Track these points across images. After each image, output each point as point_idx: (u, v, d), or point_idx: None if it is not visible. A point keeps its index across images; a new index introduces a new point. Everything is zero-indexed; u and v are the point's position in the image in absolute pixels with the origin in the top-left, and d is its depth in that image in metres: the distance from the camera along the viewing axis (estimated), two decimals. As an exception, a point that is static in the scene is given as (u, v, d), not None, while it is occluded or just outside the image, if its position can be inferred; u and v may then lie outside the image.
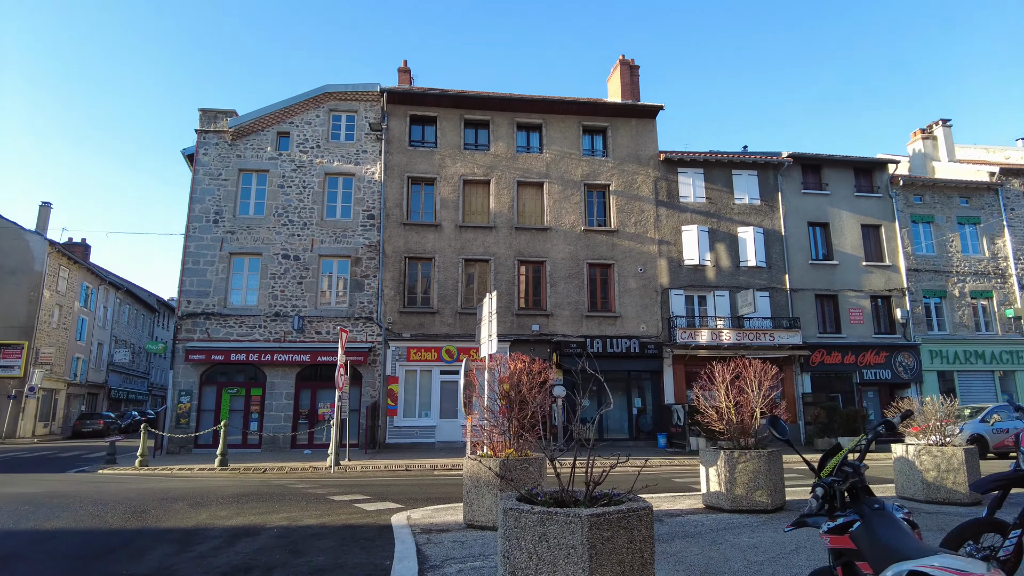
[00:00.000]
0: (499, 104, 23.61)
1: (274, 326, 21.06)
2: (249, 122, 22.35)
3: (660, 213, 23.86)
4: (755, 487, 7.28)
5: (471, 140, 23.82)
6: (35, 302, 32.89)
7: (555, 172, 23.54)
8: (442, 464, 14.93)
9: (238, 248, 21.52)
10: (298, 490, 10.43)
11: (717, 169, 24.83)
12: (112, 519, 7.36)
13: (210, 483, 11.81)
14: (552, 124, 24.01)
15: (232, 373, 21.10)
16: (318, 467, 14.48)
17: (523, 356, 7.13)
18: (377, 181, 22.58)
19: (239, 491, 10.26)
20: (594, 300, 22.85)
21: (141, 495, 9.70)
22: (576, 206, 23.35)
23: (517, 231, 22.80)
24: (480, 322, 18.67)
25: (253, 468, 14.34)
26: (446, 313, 21.84)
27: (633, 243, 23.34)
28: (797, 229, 24.89)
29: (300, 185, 22.27)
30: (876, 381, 24.29)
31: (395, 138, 23.05)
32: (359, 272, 21.86)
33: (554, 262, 22.70)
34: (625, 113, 24.55)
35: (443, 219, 22.57)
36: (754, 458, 7.32)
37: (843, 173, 25.92)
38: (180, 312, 20.89)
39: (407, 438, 20.71)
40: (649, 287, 23.08)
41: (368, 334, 21.41)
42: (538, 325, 22.08)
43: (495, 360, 8.04)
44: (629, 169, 24.02)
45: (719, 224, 24.25)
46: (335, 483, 11.64)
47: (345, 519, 7.43)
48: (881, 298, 25.20)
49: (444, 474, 13.80)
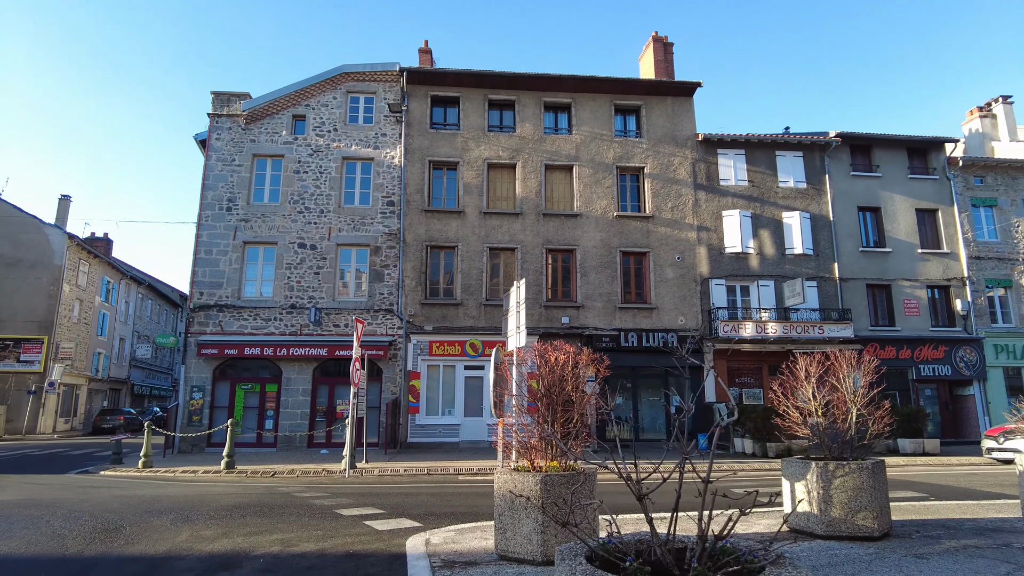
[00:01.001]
0: (525, 83, 22.20)
1: (290, 318, 19.99)
2: (263, 105, 21.28)
3: (699, 197, 22.26)
4: (856, 507, 5.83)
5: (496, 122, 22.46)
6: (55, 296, 32.40)
7: (585, 154, 22.07)
8: (467, 468, 13.63)
9: (252, 237, 20.48)
10: (303, 500, 9.20)
11: (759, 150, 23.14)
12: (73, 541, 6.16)
13: (209, 489, 10.67)
14: (582, 103, 22.53)
15: (246, 368, 20.07)
16: (332, 470, 13.28)
17: (567, 345, 5.78)
18: (397, 166, 21.36)
19: (237, 501, 9.07)
20: (628, 291, 21.37)
21: (126, 505, 8.57)
22: (608, 190, 21.86)
23: (545, 217, 21.40)
24: (507, 313, 17.33)
25: (262, 471, 13.20)
26: (470, 305, 20.56)
27: (670, 229, 21.79)
28: (846, 214, 23.09)
29: (317, 170, 21.14)
30: (934, 378, 22.42)
31: (415, 120, 21.79)
32: (378, 262, 20.67)
33: (585, 250, 21.26)
34: (660, 91, 22.96)
35: (466, 205, 21.26)
36: (855, 471, 5.87)
37: (895, 154, 24.02)
38: (192, 304, 19.92)
39: (430, 437, 19.50)
40: (687, 277, 21.50)
41: (388, 327, 20.22)
42: (568, 318, 20.68)
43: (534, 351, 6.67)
44: (665, 151, 22.45)
45: (762, 209, 22.56)
46: (347, 491, 10.41)
47: (350, 544, 6.14)
48: (939, 288, 23.29)
49: (469, 480, 12.50)
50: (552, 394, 5.38)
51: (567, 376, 5.52)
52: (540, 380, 5.49)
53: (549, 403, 5.40)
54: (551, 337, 19.51)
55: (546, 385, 5.48)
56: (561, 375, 5.53)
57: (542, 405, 5.38)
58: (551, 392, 5.42)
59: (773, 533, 6.25)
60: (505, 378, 6.46)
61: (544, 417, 5.34)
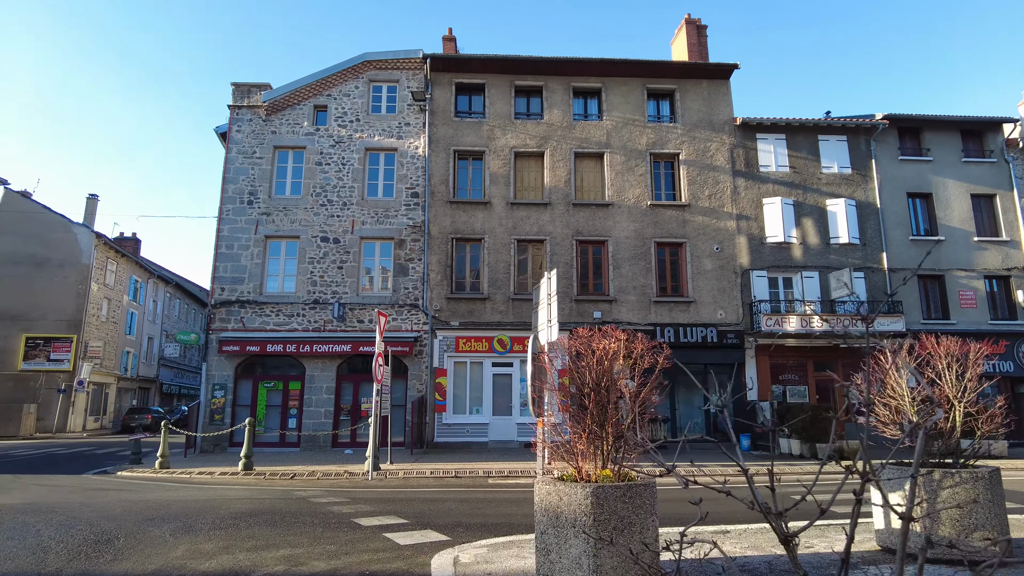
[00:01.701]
0: (553, 68, 21.29)
1: (313, 314, 19.39)
2: (284, 95, 20.72)
3: (737, 184, 21.11)
4: (971, 526, 4.84)
5: (522, 109, 21.59)
6: (83, 295, 32.45)
7: (617, 141, 21.08)
8: (497, 470, 12.80)
9: (274, 231, 19.93)
10: (320, 507, 8.44)
11: (801, 135, 21.87)
12: (56, 556, 5.44)
13: (222, 493, 10.01)
14: (612, 88, 21.53)
15: (269, 365, 19.53)
16: (355, 472, 12.55)
17: (618, 332, 4.90)
18: (421, 156, 20.63)
19: (248, 507, 8.36)
20: (663, 283, 20.32)
21: (129, 511, 7.91)
22: (641, 178, 20.83)
23: (575, 207, 20.47)
24: (537, 307, 16.43)
25: (280, 473, 12.54)
26: (497, 299, 19.74)
27: (707, 219, 20.68)
28: (894, 201, 21.71)
29: (339, 162, 20.52)
30: (994, 374, 20.83)
31: (440, 109, 21.02)
32: (403, 255, 19.96)
33: (617, 241, 20.28)
34: (695, 74, 21.85)
35: (493, 196, 20.44)
36: (967, 481, 4.89)
37: (948, 137, 22.53)
38: (213, 300, 19.44)
39: (457, 437, 18.73)
40: (727, 268, 20.38)
41: (413, 322, 19.50)
42: (600, 312, 19.73)
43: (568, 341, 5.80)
44: (701, 136, 21.34)
45: (805, 196, 21.32)
46: (368, 496, 9.65)
47: (366, 562, 5.33)
48: (997, 278, 21.76)
49: (500, 484, 11.66)
50: (602, 388, 4.51)
51: (617, 368, 4.64)
52: (587, 371, 4.62)
53: (598, 400, 4.52)
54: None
55: (594, 378, 4.61)
56: (611, 366, 4.65)
57: (590, 402, 4.51)
58: (600, 386, 4.55)
59: (864, 553, 5.30)
60: (545, 369, 5.62)
61: (593, 417, 4.47)
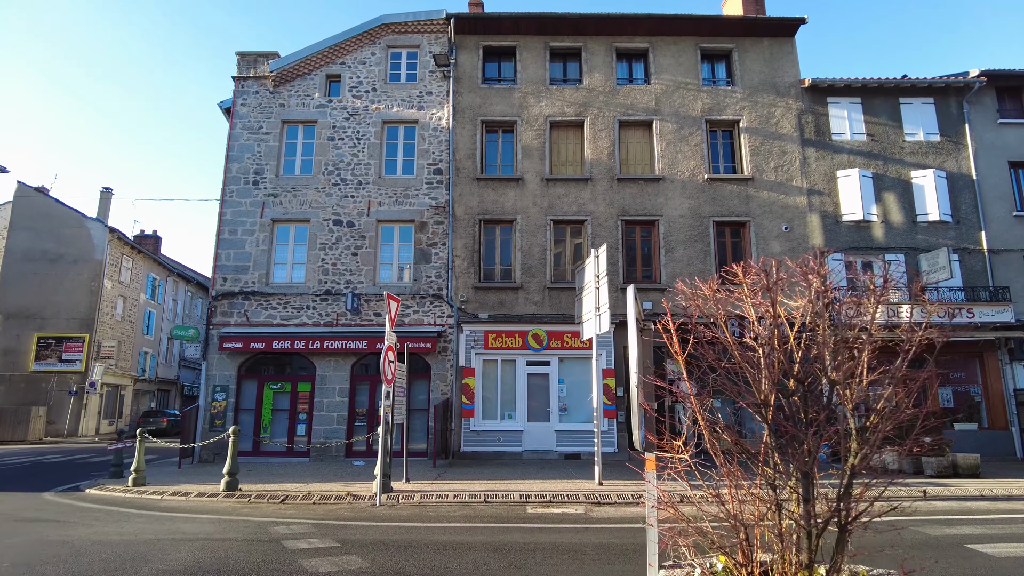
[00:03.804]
0: (593, 26, 18.77)
1: (324, 307, 17.20)
2: (294, 64, 18.60)
3: (807, 155, 18.30)
4: None
5: (558, 74, 19.11)
6: (96, 292, 30.96)
7: (667, 107, 18.46)
8: (536, 493, 10.30)
9: (282, 214, 17.82)
10: (290, 562, 5.97)
11: (879, 97, 18.96)
12: None
13: (178, 529, 7.68)
14: (661, 48, 18.92)
15: (276, 364, 17.41)
16: (360, 494, 10.19)
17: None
18: (445, 128, 18.30)
19: (190, 558, 5.95)
20: (725, 269, 17.60)
21: (24, 563, 5.65)
22: (696, 149, 18.18)
23: (620, 183, 17.91)
24: (581, 292, 13.76)
25: (270, 494, 10.23)
26: (531, 289, 17.29)
27: (773, 194, 17.93)
28: (993, 171, 18.65)
29: (354, 136, 18.31)
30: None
31: (465, 75, 18.68)
32: (424, 240, 17.65)
33: (669, 221, 17.66)
34: (755, 31, 19.10)
35: (525, 171, 18.00)
36: None
37: (1053, 97, 19.38)
38: (214, 291, 17.38)
39: (487, 446, 16.32)
40: (798, 250, 17.56)
41: (437, 315, 17.17)
42: (650, 302, 17.12)
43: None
44: (763, 100, 18.59)
45: (885, 167, 18.41)
46: (367, 537, 7.24)
47: None
48: (1118, 260, 18.53)
49: (542, 515, 9.14)
50: (807, 386, 2.04)
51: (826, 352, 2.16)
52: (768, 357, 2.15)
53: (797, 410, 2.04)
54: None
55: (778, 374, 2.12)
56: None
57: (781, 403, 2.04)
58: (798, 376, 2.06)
59: None
60: (677, 349, 3.13)
61: (790, 448, 2.00)
